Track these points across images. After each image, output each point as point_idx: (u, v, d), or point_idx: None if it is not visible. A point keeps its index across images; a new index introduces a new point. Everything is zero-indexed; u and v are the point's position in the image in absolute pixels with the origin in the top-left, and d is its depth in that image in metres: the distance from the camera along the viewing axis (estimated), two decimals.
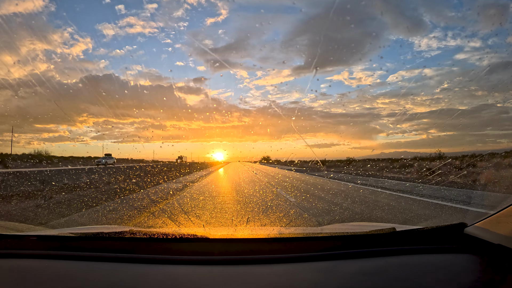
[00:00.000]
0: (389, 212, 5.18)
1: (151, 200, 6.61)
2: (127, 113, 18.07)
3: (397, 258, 1.08)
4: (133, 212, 5.16)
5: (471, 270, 1.00)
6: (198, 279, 0.95)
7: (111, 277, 0.98)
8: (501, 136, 16.95)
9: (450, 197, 6.81)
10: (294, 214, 4.94)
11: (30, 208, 5.60)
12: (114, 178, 11.72)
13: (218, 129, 23.31)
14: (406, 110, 28.68)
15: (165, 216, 4.83)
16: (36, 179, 9.53)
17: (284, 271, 0.99)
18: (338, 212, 5.05)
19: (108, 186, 9.50)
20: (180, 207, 5.57)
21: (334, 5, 9.16)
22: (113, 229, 1.49)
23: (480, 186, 9.22)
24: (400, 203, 6.14)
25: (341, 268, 1.01)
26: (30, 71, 27.46)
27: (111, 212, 5.18)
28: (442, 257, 1.07)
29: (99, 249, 1.18)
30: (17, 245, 1.22)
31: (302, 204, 6.01)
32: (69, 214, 5.05)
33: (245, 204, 5.89)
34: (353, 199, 6.72)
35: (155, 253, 1.13)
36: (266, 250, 1.14)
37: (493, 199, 6.78)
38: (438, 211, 5.32)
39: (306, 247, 1.16)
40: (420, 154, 18.69)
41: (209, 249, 1.14)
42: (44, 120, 27.34)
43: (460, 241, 1.14)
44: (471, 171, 11.78)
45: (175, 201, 6.34)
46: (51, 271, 1.03)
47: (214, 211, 5.08)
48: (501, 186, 8.61)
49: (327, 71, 30.92)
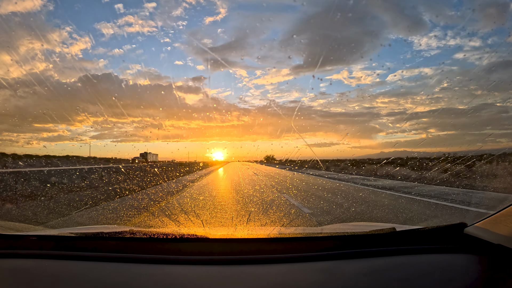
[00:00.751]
0: (389, 212, 5.20)
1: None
2: (126, 112, 18.05)
3: (397, 258, 1.08)
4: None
5: (471, 270, 1.00)
6: (198, 279, 0.95)
7: (111, 277, 0.98)
8: (500, 135, 16.96)
9: (450, 197, 6.82)
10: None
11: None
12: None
13: (217, 128, 23.30)
14: (406, 109, 28.68)
15: (165, 216, 4.83)
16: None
17: (284, 271, 0.99)
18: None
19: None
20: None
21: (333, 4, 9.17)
22: (113, 229, 1.49)
23: (480, 186, 9.22)
24: (400, 203, 6.14)
25: (341, 268, 1.01)
26: (29, 70, 27.45)
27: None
28: (442, 257, 1.07)
29: (99, 249, 1.18)
30: (17, 245, 1.22)
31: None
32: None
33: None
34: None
35: (155, 253, 1.13)
36: (266, 250, 1.14)
37: (493, 199, 6.78)
38: (437, 211, 5.33)
39: (306, 247, 1.16)
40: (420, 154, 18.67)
41: (209, 249, 1.14)
42: (43, 120, 27.34)
43: (460, 241, 1.14)
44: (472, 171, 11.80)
45: None
46: (51, 271, 1.03)
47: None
48: (500, 185, 8.61)
49: (327, 70, 30.92)
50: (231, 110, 28.77)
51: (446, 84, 23.64)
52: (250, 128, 29.43)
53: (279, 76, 34.91)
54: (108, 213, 5.22)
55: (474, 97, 21.81)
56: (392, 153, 24.32)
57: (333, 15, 5.98)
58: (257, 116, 29.94)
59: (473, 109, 14.85)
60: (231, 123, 25.35)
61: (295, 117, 20.76)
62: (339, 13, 6.65)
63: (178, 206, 5.69)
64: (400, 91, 32.74)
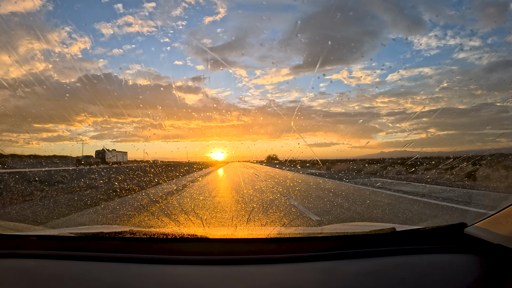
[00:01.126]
0: (389, 212, 5.20)
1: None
2: (126, 112, 18.00)
3: (397, 258, 1.08)
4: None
5: (471, 270, 1.00)
6: (198, 279, 0.95)
7: (111, 277, 0.98)
8: (500, 135, 16.95)
9: (452, 198, 6.82)
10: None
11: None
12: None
13: (217, 128, 23.25)
14: (406, 109, 28.65)
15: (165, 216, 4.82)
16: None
17: (284, 271, 0.99)
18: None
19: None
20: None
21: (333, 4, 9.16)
22: (113, 229, 1.49)
23: (481, 186, 9.22)
24: (401, 203, 6.15)
25: (341, 268, 1.01)
26: (28, 70, 27.47)
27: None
28: (442, 257, 1.07)
29: (99, 249, 1.18)
30: (17, 245, 1.22)
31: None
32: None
33: None
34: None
35: (155, 253, 1.13)
36: (266, 250, 1.14)
37: (493, 198, 6.78)
38: (437, 211, 5.33)
39: (306, 247, 1.16)
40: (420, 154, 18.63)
41: (209, 249, 1.14)
42: (43, 120, 27.30)
43: (460, 241, 1.14)
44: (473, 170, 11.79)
45: None
46: (51, 271, 1.03)
47: None
48: (500, 185, 8.60)
49: (326, 70, 30.91)
50: (231, 110, 28.74)
51: (446, 84, 23.63)
52: (250, 128, 29.40)
53: (279, 76, 34.93)
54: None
55: (474, 97, 21.80)
56: (392, 153, 24.33)
57: (333, 15, 5.98)
58: (257, 116, 29.92)
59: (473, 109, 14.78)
60: (231, 123, 25.32)
61: (295, 117, 20.73)
62: (339, 12, 6.66)
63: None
64: (400, 91, 32.71)
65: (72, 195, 7.51)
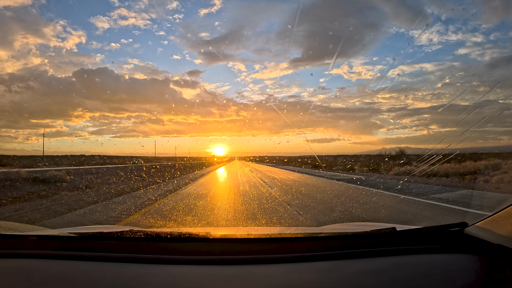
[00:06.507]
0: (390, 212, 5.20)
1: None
2: (123, 107, 17.90)
3: (397, 258, 1.08)
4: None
5: (471, 270, 1.00)
6: (198, 279, 0.95)
7: (111, 277, 0.98)
8: (502, 133, 16.86)
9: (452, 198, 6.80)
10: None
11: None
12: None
13: (216, 123, 23.04)
14: (407, 105, 28.45)
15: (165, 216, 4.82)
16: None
17: (284, 271, 0.99)
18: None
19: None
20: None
21: None
22: (113, 229, 1.49)
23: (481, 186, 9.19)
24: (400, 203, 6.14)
25: (341, 268, 1.01)
26: (23, 65, 27.32)
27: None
28: (442, 257, 1.07)
29: (99, 249, 1.18)
30: (17, 245, 1.22)
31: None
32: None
33: None
34: None
35: (155, 253, 1.12)
36: (266, 250, 1.14)
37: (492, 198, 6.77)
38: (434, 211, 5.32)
39: (306, 247, 1.16)
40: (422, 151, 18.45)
41: (209, 249, 1.14)
42: (40, 115, 27.17)
43: (460, 241, 1.14)
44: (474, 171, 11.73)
45: None
46: (51, 271, 1.03)
47: None
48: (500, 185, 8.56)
49: (326, 64, 30.78)
50: (229, 104, 28.62)
51: (448, 79, 23.50)
52: (249, 123, 29.18)
53: (278, 70, 34.71)
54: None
55: (476, 93, 21.66)
56: (393, 149, 24.14)
57: (332, 6, 5.88)
58: (256, 111, 29.79)
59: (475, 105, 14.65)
60: (230, 118, 25.08)
61: (295, 112, 20.61)
62: (338, 4, 6.59)
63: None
64: (401, 87, 32.54)
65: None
